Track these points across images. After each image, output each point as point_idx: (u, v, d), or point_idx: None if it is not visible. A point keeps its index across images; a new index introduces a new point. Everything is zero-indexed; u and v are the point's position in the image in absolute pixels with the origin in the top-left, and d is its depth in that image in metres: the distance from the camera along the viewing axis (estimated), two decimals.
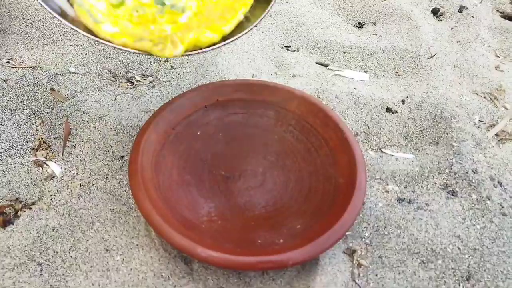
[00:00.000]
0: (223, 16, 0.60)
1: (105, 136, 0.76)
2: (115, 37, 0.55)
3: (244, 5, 0.62)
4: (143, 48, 0.55)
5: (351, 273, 0.65)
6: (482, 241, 0.68)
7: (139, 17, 0.58)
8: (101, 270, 0.61)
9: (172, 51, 0.54)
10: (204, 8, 0.62)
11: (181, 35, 0.55)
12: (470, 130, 0.83)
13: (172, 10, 0.59)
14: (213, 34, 0.58)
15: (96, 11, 0.57)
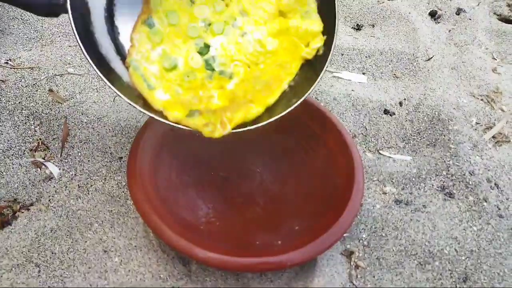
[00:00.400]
0: (269, 86, 0.61)
1: (104, 137, 0.76)
2: (167, 109, 0.57)
3: (290, 75, 0.63)
4: (194, 127, 0.56)
5: (349, 274, 0.65)
6: (479, 243, 0.69)
7: (189, 82, 0.60)
8: (99, 272, 0.61)
9: (221, 132, 0.55)
10: (251, 75, 0.63)
11: (230, 115, 0.56)
12: (467, 132, 0.83)
13: (220, 76, 0.62)
14: (258, 109, 0.60)
15: (150, 74, 0.59)
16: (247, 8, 0.64)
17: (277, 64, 0.63)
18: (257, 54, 0.63)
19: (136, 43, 0.61)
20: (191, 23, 0.62)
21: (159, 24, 0.61)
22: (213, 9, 0.63)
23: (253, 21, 0.64)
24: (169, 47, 0.62)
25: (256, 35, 0.63)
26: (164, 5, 0.61)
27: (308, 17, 0.63)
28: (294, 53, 0.63)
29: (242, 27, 0.63)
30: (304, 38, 0.63)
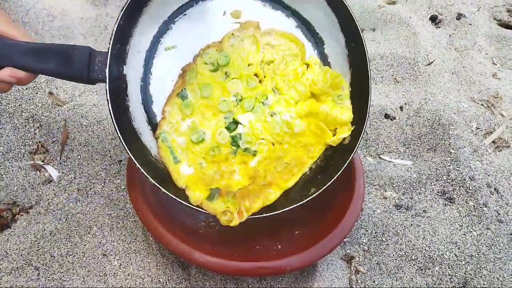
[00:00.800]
0: (290, 169, 0.63)
1: (103, 140, 0.76)
2: (189, 187, 0.59)
3: (312, 158, 0.64)
4: (213, 212, 0.58)
5: (349, 279, 0.65)
6: (479, 248, 0.69)
7: (214, 156, 0.62)
8: (98, 275, 0.61)
9: (238, 221, 0.57)
10: (274, 154, 0.64)
11: (248, 204, 0.58)
12: (468, 137, 0.83)
13: (244, 152, 0.63)
14: (276, 194, 0.61)
15: (177, 146, 0.62)
16: (280, 86, 0.65)
17: (301, 145, 0.64)
18: (283, 134, 0.64)
19: (168, 115, 0.63)
20: (223, 97, 0.64)
21: (192, 97, 0.63)
22: (246, 85, 0.64)
23: (284, 101, 0.64)
24: (198, 119, 0.63)
25: (285, 117, 0.64)
26: (199, 78, 0.63)
27: (340, 102, 0.64)
28: (320, 137, 0.64)
29: (272, 107, 0.64)
30: (332, 124, 0.63)
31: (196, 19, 0.64)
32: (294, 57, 0.66)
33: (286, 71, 0.65)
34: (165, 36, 0.63)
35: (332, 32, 0.65)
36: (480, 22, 1.09)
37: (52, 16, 0.96)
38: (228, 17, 0.65)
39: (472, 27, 1.07)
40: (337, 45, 0.66)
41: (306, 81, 0.64)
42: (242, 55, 0.64)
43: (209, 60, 0.63)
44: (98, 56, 0.56)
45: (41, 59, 0.55)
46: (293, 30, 0.66)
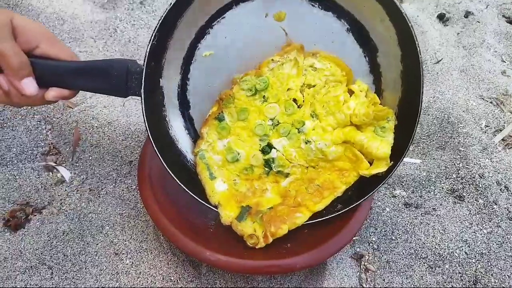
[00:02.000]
0: (321, 192, 0.62)
1: (114, 141, 0.77)
2: (222, 205, 0.62)
3: (346, 184, 0.62)
4: (240, 233, 0.60)
5: (359, 277, 0.65)
6: (489, 246, 0.68)
7: (247, 174, 0.64)
8: (110, 274, 0.62)
9: (263, 245, 0.59)
10: (306, 176, 0.64)
11: (274, 230, 0.59)
12: (477, 135, 0.83)
13: (277, 174, 0.65)
14: (304, 217, 0.62)
15: (213, 163, 0.64)
16: (319, 112, 0.63)
17: (335, 169, 0.63)
18: (317, 160, 0.63)
19: (205, 135, 0.65)
20: (259, 120, 0.64)
21: (229, 119, 0.64)
22: (283, 110, 0.63)
23: (321, 128, 0.63)
24: (234, 140, 0.64)
25: (319, 145, 0.62)
26: (237, 103, 0.63)
27: (382, 135, 0.60)
28: (355, 164, 0.62)
29: (308, 134, 0.63)
30: (368, 155, 0.61)
31: (236, 23, 0.61)
32: (338, 83, 0.63)
33: (327, 97, 0.62)
34: (202, 41, 0.61)
35: (389, 42, 0.60)
36: (489, 19, 1.08)
37: (62, 20, 0.97)
38: (271, 19, 0.61)
39: (480, 25, 1.07)
40: (391, 57, 0.60)
41: (347, 110, 0.61)
42: (281, 80, 0.63)
43: (246, 86, 0.63)
44: (135, 74, 0.57)
45: (83, 78, 0.57)
46: (343, 34, 0.61)
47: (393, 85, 0.61)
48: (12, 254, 0.62)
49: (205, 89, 0.64)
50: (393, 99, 0.62)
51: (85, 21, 0.96)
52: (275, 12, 0.60)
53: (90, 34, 0.96)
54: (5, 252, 0.62)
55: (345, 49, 0.62)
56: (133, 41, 0.94)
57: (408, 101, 0.60)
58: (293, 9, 0.60)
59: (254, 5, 0.60)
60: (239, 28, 0.61)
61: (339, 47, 0.62)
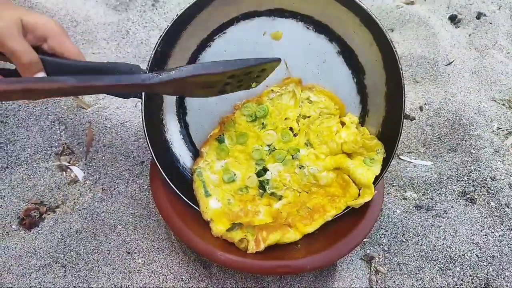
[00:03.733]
0: (311, 215, 0.64)
1: (126, 141, 0.78)
2: (214, 221, 0.63)
3: (336, 209, 0.65)
4: (230, 240, 0.61)
5: (369, 279, 0.65)
6: (501, 249, 0.68)
7: (241, 195, 0.67)
8: (123, 272, 0.63)
9: (254, 249, 0.59)
10: (299, 199, 0.67)
11: (265, 236, 0.60)
12: (489, 137, 0.83)
13: (271, 196, 0.67)
14: (295, 235, 0.62)
15: (210, 181, 0.67)
16: (313, 141, 0.68)
17: (327, 195, 0.66)
18: (310, 185, 0.67)
19: (205, 154, 0.68)
20: (257, 145, 0.68)
21: (228, 142, 0.68)
22: (280, 137, 0.68)
23: (314, 155, 0.68)
24: (231, 162, 0.68)
25: (312, 170, 0.67)
26: (237, 127, 0.68)
27: (370, 164, 0.64)
28: (346, 189, 0.65)
29: (302, 161, 0.67)
30: (354, 181, 0.65)
31: (235, 38, 0.65)
32: (331, 116, 0.68)
33: (321, 127, 0.68)
34: (203, 53, 0.65)
35: (375, 66, 0.64)
36: (501, 21, 1.08)
37: (76, 22, 0.99)
38: (268, 37, 0.66)
39: (492, 26, 1.06)
40: (377, 79, 0.65)
41: (339, 139, 0.66)
42: (280, 109, 0.68)
43: (247, 112, 0.68)
44: None
45: None
46: (334, 56, 0.66)
47: (378, 105, 0.66)
48: (26, 252, 0.63)
49: (202, 98, 0.65)
50: (378, 118, 0.67)
51: (98, 23, 0.97)
52: (273, 32, 0.66)
53: (103, 36, 0.98)
54: (20, 250, 0.63)
55: (335, 70, 0.67)
56: (145, 43, 0.95)
57: (391, 120, 0.65)
58: (289, 30, 0.66)
59: (254, 24, 0.65)
60: (238, 43, 0.66)
61: (329, 67, 0.67)
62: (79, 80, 0.49)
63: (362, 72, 0.66)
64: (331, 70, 0.67)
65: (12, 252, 0.63)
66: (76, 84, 0.49)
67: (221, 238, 0.62)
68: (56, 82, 0.49)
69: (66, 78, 0.49)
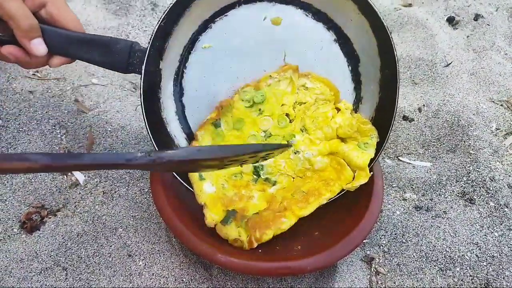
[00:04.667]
0: (306, 198, 0.64)
1: (127, 145, 0.79)
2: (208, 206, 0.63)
3: (331, 192, 0.66)
4: (225, 236, 0.62)
5: (369, 280, 0.65)
6: (501, 249, 0.68)
7: (235, 180, 0.67)
8: (124, 275, 0.63)
9: (247, 248, 0.60)
10: (292, 184, 0.67)
11: (259, 235, 0.60)
12: (487, 138, 0.83)
13: (265, 182, 0.67)
14: (289, 222, 0.63)
15: None
16: (308, 126, 0.69)
17: (321, 180, 0.67)
18: (304, 170, 0.68)
19: (200, 138, 0.68)
20: (253, 131, 0.68)
21: (224, 127, 0.68)
22: (276, 123, 0.68)
23: (309, 140, 0.68)
24: None
25: (307, 154, 0.68)
26: (234, 112, 0.68)
27: (364, 149, 0.66)
28: (340, 173, 0.66)
29: (297, 146, 0.68)
30: (349, 164, 0.66)
31: (236, 21, 0.66)
32: (327, 102, 0.69)
33: (316, 113, 0.69)
34: (203, 34, 0.66)
35: (370, 53, 0.67)
36: (499, 22, 1.08)
37: None
38: (268, 22, 0.67)
39: (490, 28, 1.07)
40: (371, 67, 0.68)
41: (334, 124, 0.68)
42: (277, 95, 0.68)
43: (245, 98, 0.68)
44: (138, 52, 0.61)
45: (88, 50, 0.61)
46: (331, 43, 0.68)
47: (372, 92, 0.69)
48: (28, 255, 0.64)
49: (199, 79, 0.68)
50: (371, 105, 0.69)
51: (98, 28, 0.98)
52: (273, 17, 0.67)
53: None
54: (21, 253, 0.64)
55: (332, 57, 0.69)
56: None
57: (384, 107, 0.67)
58: (289, 16, 0.67)
59: (255, 8, 0.66)
60: (238, 27, 0.67)
61: (326, 54, 0.69)
62: (54, 158, 0.42)
63: (357, 59, 0.69)
64: (327, 58, 0.69)
65: (14, 255, 0.63)
66: (50, 164, 0.42)
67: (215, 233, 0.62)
68: (27, 161, 0.41)
69: (38, 157, 0.42)
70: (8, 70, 0.84)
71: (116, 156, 0.46)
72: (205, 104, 0.69)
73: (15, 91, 0.81)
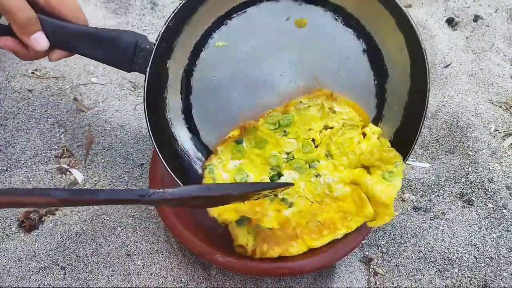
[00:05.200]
0: (320, 230, 0.61)
1: (126, 144, 0.78)
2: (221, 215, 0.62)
3: (347, 228, 0.62)
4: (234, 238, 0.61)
5: (368, 281, 0.66)
6: (499, 250, 0.68)
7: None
8: (122, 274, 0.63)
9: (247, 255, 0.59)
10: (309, 210, 0.64)
11: (266, 250, 0.58)
12: (486, 139, 0.83)
13: (281, 202, 0.64)
14: (299, 249, 0.60)
15: (220, 180, 0.64)
16: (333, 152, 0.65)
17: (340, 211, 0.63)
18: (323, 195, 0.64)
19: (220, 152, 0.65)
20: (275, 151, 0.65)
21: (246, 145, 0.65)
22: (301, 147, 0.65)
23: (333, 166, 0.65)
24: (246, 163, 0.65)
25: (328, 179, 0.64)
26: (258, 133, 0.64)
27: (389, 179, 0.61)
28: (360, 208, 0.62)
29: (319, 170, 0.65)
30: (372, 199, 0.61)
31: (255, 19, 0.60)
32: (354, 127, 0.65)
33: (343, 138, 0.64)
34: (218, 31, 0.60)
35: (401, 72, 0.61)
36: (498, 23, 1.08)
37: None
38: (291, 23, 0.61)
39: (489, 29, 1.07)
40: (400, 86, 0.62)
41: (358, 150, 0.63)
42: (305, 120, 0.64)
43: (271, 121, 0.64)
44: (143, 51, 0.57)
45: (89, 45, 0.57)
46: (359, 53, 0.62)
47: (395, 113, 0.63)
48: (26, 254, 0.64)
49: (209, 79, 0.63)
50: (391, 127, 0.64)
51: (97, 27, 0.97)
52: (297, 18, 0.60)
53: None
54: (20, 252, 0.64)
55: (357, 68, 0.63)
56: None
57: (405, 132, 0.63)
58: (315, 18, 0.60)
59: (278, 6, 0.60)
60: (257, 26, 0.60)
61: (351, 64, 0.63)
62: (71, 193, 0.44)
63: (385, 75, 0.63)
64: (352, 68, 0.63)
65: (12, 254, 0.63)
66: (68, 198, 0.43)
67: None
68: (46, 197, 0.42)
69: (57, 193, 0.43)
70: (7, 69, 0.84)
71: (129, 193, 0.46)
72: (214, 104, 0.64)
73: (14, 89, 0.81)
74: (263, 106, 0.65)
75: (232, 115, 0.65)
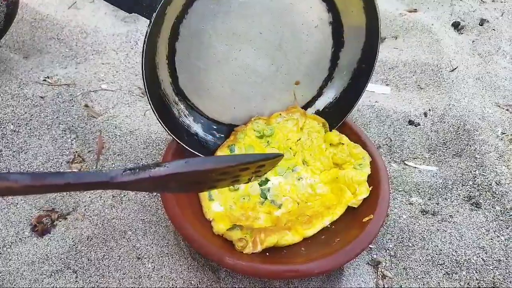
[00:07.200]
0: (310, 220, 0.67)
1: (136, 149, 0.80)
2: (216, 220, 0.65)
3: (332, 214, 0.68)
4: (229, 239, 0.63)
5: (376, 284, 0.66)
6: (507, 252, 0.68)
7: (243, 202, 0.70)
8: (133, 277, 0.64)
9: (251, 250, 0.61)
10: (297, 209, 0.70)
11: (263, 237, 0.62)
12: (493, 142, 0.83)
13: (271, 204, 0.71)
14: (293, 237, 0.64)
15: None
16: (307, 159, 0.76)
17: (324, 205, 0.70)
18: (307, 195, 0.72)
19: None
20: None
21: (237, 151, 0.75)
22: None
23: (311, 171, 0.75)
24: None
25: (309, 181, 0.74)
26: (246, 139, 0.76)
27: (360, 169, 0.71)
28: (341, 198, 0.69)
29: (300, 173, 0.74)
30: (351, 185, 0.70)
31: None
32: (317, 133, 0.78)
33: (312, 146, 0.76)
34: None
35: (355, 45, 0.74)
36: (504, 27, 1.09)
37: (86, 33, 1.01)
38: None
39: (495, 32, 1.07)
40: (351, 56, 0.75)
41: (329, 154, 0.75)
42: (284, 131, 0.77)
43: (257, 128, 0.77)
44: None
45: None
46: (326, 24, 0.73)
47: (344, 76, 0.78)
48: (39, 258, 0.65)
49: (197, 28, 0.67)
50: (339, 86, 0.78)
51: (107, 34, 0.99)
52: None
53: (112, 47, 1.00)
54: (33, 256, 0.65)
55: (321, 35, 0.74)
56: None
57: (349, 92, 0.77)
58: None
59: None
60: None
61: (318, 32, 0.74)
62: (34, 178, 0.39)
63: (342, 46, 0.75)
64: (317, 35, 0.74)
65: (25, 258, 0.65)
66: (30, 183, 0.39)
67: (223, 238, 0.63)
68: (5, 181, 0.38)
69: (17, 177, 0.39)
70: (19, 76, 0.86)
71: (100, 175, 0.43)
72: (196, 54, 0.69)
73: (27, 96, 0.83)
74: (241, 59, 0.73)
75: (211, 63, 0.71)
